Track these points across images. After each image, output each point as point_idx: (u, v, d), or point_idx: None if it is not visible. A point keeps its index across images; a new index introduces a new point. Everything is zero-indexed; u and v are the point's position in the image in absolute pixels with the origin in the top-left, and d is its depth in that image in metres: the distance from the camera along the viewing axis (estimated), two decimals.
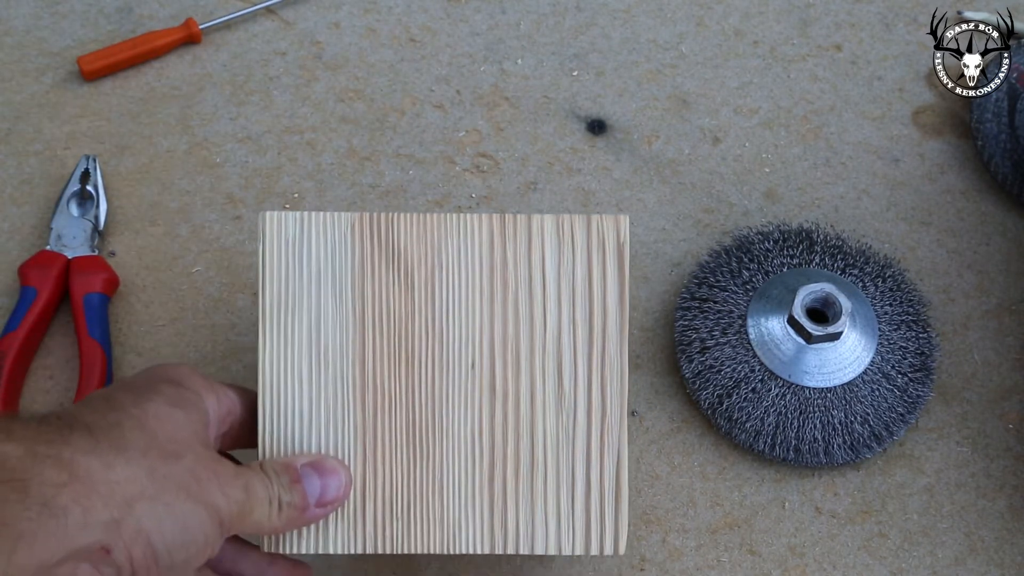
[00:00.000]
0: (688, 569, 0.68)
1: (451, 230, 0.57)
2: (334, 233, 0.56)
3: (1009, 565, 0.68)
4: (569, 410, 0.58)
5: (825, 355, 0.70)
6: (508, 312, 0.57)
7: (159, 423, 0.51)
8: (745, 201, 0.78)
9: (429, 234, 0.56)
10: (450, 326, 0.57)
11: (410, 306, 0.57)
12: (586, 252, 0.57)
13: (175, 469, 0.50)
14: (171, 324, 0.73)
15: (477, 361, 0.57)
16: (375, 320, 0.56)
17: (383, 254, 0.56)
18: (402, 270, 0.56)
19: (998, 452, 0.71)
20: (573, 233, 0.57)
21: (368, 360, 0.57)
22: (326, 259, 0.57)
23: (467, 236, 0.57)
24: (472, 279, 0.57)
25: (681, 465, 0.70)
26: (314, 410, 0.56)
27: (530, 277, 0.57)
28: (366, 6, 0.85)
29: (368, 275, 0.57)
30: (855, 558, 0.68)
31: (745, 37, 0.84)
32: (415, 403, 0.57)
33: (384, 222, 0.56)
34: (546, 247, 0.57)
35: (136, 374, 0.55)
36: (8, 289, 0.73)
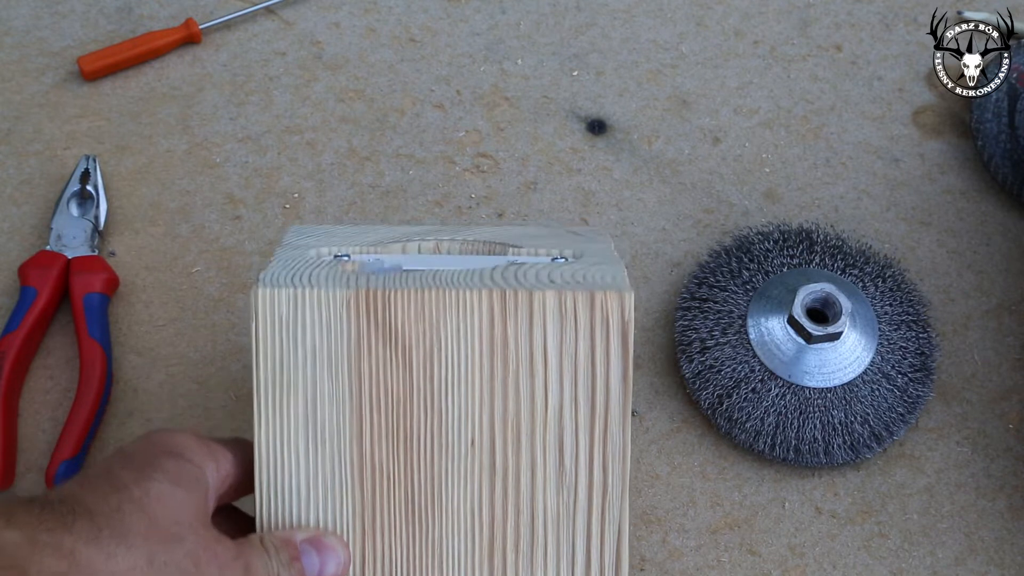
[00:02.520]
0: (688, 569, 0.68)
1: (449, 307, 0.54)
2: (328, 311, 0.54)
3: (1009, 565, 0.68)
4: (570, 487, 0.56)
5: (825, 355, 0.70)
6: (508, 389, 0.55)
7: (161, 504, 0.50)
8: (745, 201, 0.78)
9: (427, 311, 0.54)
10: (449, 403, 0.55)
11: (408, 384, 0.55)
12: (589, 330, 0.55)
13: (176, 554, 0.49)
14: (171, 324, 0.73)
15: (477, 438, 0.55)
16: (372, 398, 0.55)
17: (379, 332, 0.55)
18: (400, 348, 0.54)
19: (998, 452, 0.71)
20: (576, 310, 0.55)
21: (366, 437, 0.55)
22: (321, 337, 0.54)
23: (466, 313, 0.55)
24: (471, 357, 0.55)
25: (681, 465, 0.70)
26: (312, 486, 0.55)
27: (531, 355, 0.55)
28: (366, 6, 0.85)
29: (364, 353, 0.55)
30: (855, 558, 0.68)
31: (745, 37, 0.84)
32: (414, 480, 0.56)
33: (380, 299, 0.54)
34: (548, 325, 0.55)
35: (136, 442, 0.54)
36: (8, 289, 0.73)
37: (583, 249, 0.60)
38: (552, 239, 0.62)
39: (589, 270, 0.56)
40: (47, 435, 0.70)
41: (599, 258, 0.58)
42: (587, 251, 0.60)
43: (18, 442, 0.69)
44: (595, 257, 0.59)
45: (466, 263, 0.58)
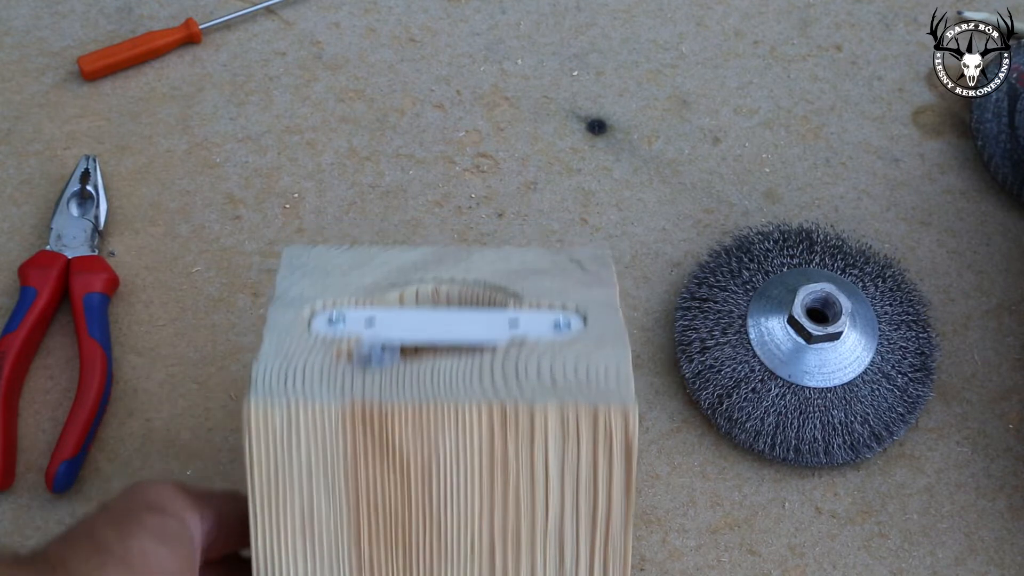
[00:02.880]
0: (688, 569, 0.68)
1: (448, 422, 0.52)
2: (323, 426, 0.52)
3: (1009, 565, 0.68)
4: None
5: (825, 355, 0.70)
6: (508, 502, 0.53)
7: (144, 562, 0.49)
8: (745, 201, 0.78)
9: (425, 427, 0.52)
10: (447, 514, 0.54)
11: (406, 495, 0.53)
12: (591, 447, 0.52)
13: None
14: (171, 324, 0.73)
15: (476, 546, 0.54)
16: (369, 508, 0.53)
17: (376, 447, 0.53)
18: (396, 462, 0.53)
19: (998, 452, 0.71)
20: (578, 426, 0.52)
21: (364, 545, 0.54)
22: (316, 451, 0.53)
23: (465, 430, 0.52)
24: (470, 472, 0.53)
25: (681, 465, 0.70)
26: None
27: (532, 470, 0.53)
28: (366, 6, 0.85)
29: (361, 465, 0.53)
30: (855, 558, 0.68)
31: (745, 37, 0.84)
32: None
33: (376, 415, 0.52)
34: (549, 441, 0.52)
35: (118, 497, 0.53)
36: (8, 289, 0.73)
37: (586, 300, 0.57)
38: (554, 279, 0.59)
39: (592, 357, 0.53)
40: (47, 435, 0.70)
41: (603, 326, 0.56)
42: (591, 304, 0.57)
43: (18, 442, 0.69)
44: (599, 322, 0.56)
45: (465, 328, 0.56)
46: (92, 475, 0.68)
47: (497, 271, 0.59)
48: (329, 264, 0.59)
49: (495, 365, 0.53)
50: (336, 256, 0.60)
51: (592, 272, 0.59)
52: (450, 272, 0.59)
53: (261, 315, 0.73)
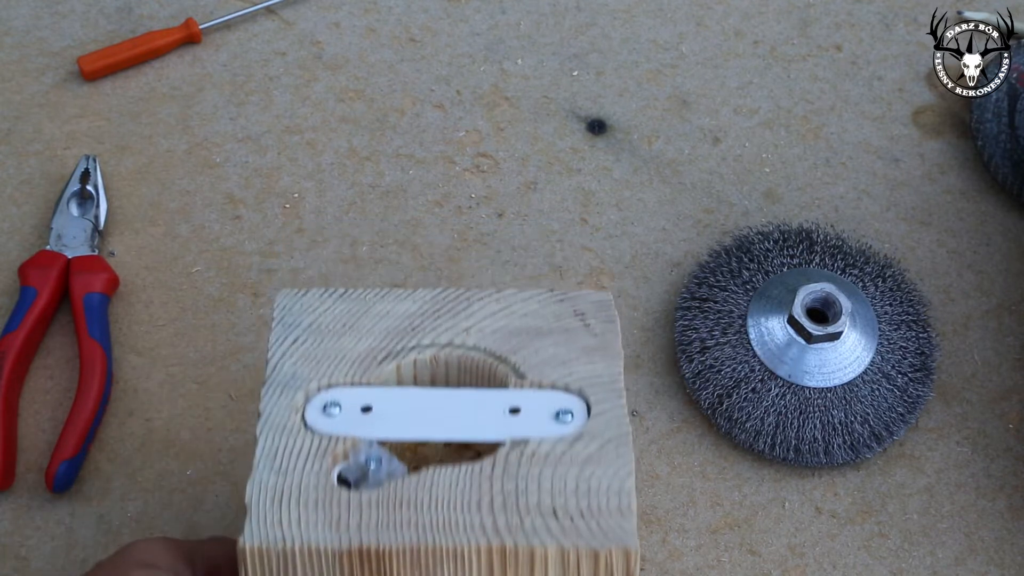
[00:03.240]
0: (688, 569, 0.68)
1: (447, 561, 0.51)
2: (320, 562, 0.52)
3: (1009, 565, 0.68)
4: None
5: (825, 355, 0.70)
6: None
7: None
8: (745, 201, 0.78)
9: (424, 565, 0.51)
10: None
11: None
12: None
13: None
14: (171, 324, 0.73)
15: None
16: None
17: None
18: None
19: (998, 452, 0.71)
20: (579, 565, 0.51)
21: None
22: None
23: (464, 567, 0.51)
24: None
25: (681, 465, 0.70)
26: None
27: None
28: (366, 6, 0.85)
29: None
30: (855, 558, 0.68)
31: (745, 37, 0.84)
32: None
33: (374, 555, 0.51)
34: (549, 574, 0.52)
35: (112, 557, 0.54)
36: (8, 289, 0.73)
37: (590, 378, 0.56)
38: (557, 345, 0.57)
39: (594, 474, 0.53)
40: (47, 435, 0.70)
41: (606, 420, 0.54)
42: (594, 385, 0.56)
43: (18, 442, 0.69)
44: (601, 415, 0.55)
45: (463, 419, 0.55)
46: (92, 475, 0.68)
47: (498, 331, 0.58)
48: (323, 321, 0.58)
49: (495, 486, 0.52)
50: (329, 307, 0.58)
51: (597, 334, 0.58)
52: (448, 334, 0.57)
53: (261, 315, 0.73)
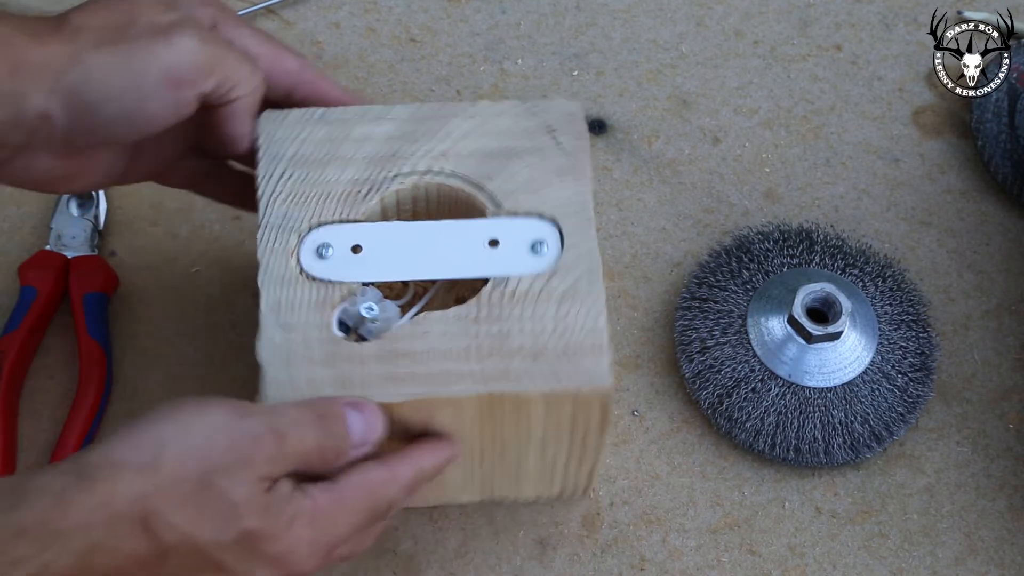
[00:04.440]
0: (688, 569, 0.68)
1: (443, 407, 0.55)
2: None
3: (1009, 565, 0.68)
4: (550, 461, 0.60)
5: (825, 355, 0.70)
6: (497, 439, 0.57)
7: (116, 3, 0.54)
8: (745, 201, 0.78)
9: (423, 410, 0.55)
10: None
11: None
12: (572, 408, 0.56)
13: (122, 31, 0.52)
14: (171, 324, 0.73)
15: (467, 456, 0.58)
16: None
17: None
18: (396, 423, 0.55)
19: (998, 452, 0.71)
20: (561, 401, 0.56)
21: None
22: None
23: (459, 410, 0.55)
24: (465, 428, 0.56)
25: (681, 465, 0.70)
26: None
27: (518, 424, 0.57)
28: (366, 6, 0.85)
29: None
30: (855, 558, 0.68)
31: (745, 37, 0.84)
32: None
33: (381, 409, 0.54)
34: (536, 410, 0.56)
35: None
36: (8, 289, 0.73)
37: (562, 205, 0.59)
38: (531, 167, 0.60)
39: (570, 313, 0.56)
40: (47, 435, 0.70)
41: (578, 251, 0.58)
42: (566, 213, 0.59)
43: (18, 442, 0.69)
44: (574, 246, 0.58)
45: (447, 255, 0.58)
46: None
47: (473, 154, 0.60)
48: (305, 152, 0.60)
49: (481, 330, 0.55)
50: (311, 133, 0.60)
51: (568, 152, 0.61)
52: (427, 160, 0.60)
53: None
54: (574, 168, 0.60)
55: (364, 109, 0.61)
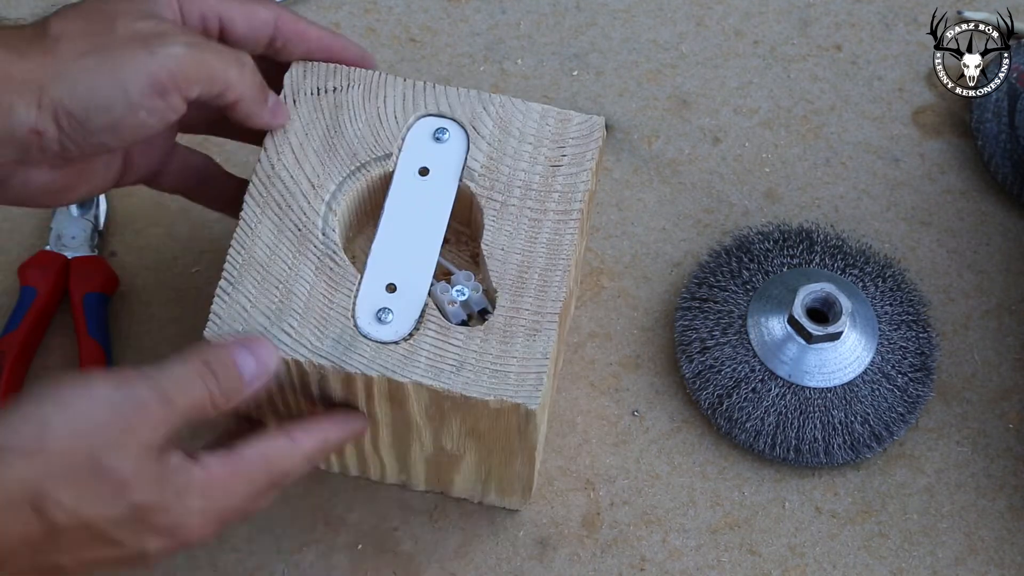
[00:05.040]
0: (688, 569, 0.68)
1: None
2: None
3: (1009, 565, 0.68)
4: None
5: (825, 355, 0.70)
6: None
7: (94, 10, 0.53)
8: (745, 201, 0.78)
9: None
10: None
11: None
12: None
13: (104, 40, 0.52)
14: (171, 324, 0.73)
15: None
16: None
17: None
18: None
19: (998, 452, 0.71)
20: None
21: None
22: None
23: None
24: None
25: (681, 465, 0.70)
26: None
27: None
28: (366, 6, 0.85)
29: None
30: (855, 558, 0.68)
31: (745, 37, 0.84)
32: None
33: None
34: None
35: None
36: (8, 289, 0.73)
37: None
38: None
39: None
40: None
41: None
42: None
43: None
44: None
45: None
46: None
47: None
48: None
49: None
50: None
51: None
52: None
53: None
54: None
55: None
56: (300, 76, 0.62)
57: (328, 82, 0.62)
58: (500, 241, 0.59)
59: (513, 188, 0.60)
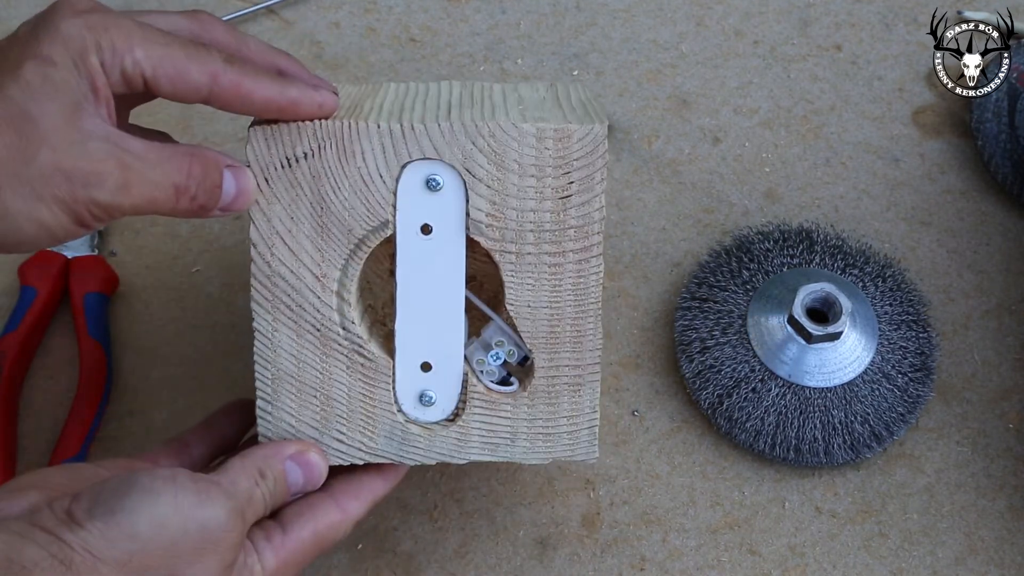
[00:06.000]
0: (688, 569, 0.68)
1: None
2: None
3: (1009, 565, 0.68)
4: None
5: (825, 355, 0.70)
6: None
7: (11, 127, 0.48)
8: (745, 201, 0.78)
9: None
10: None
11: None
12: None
13: (24, 174, 0.48)
14: (171, 324, 0.73)
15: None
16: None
17: None
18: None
19: (998, 452, 0.71)
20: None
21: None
22: None
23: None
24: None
25: (681, 465, 0.70)
26: None
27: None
28: (366, 6, 0.85)
29: None
30: (855, 558, 0.68)
31: (745, 37, 0.84)
32: None
33: None
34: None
35: (20, 30, 0.51)
36: (8, 289, 0.73)
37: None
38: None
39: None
40: (47, 435, 0.70)
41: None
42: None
43: (18, 442, 0.69)
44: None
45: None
46: None
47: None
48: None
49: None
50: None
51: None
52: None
53: None
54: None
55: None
56: (263, 147, 0.54)
57: (296, 148, 0.54)
58: (524, 298, 0.56)
59: (525, 234, 0.56)
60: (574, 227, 0.55)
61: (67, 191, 0.49)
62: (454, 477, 0.69)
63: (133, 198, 0.50)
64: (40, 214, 0.49)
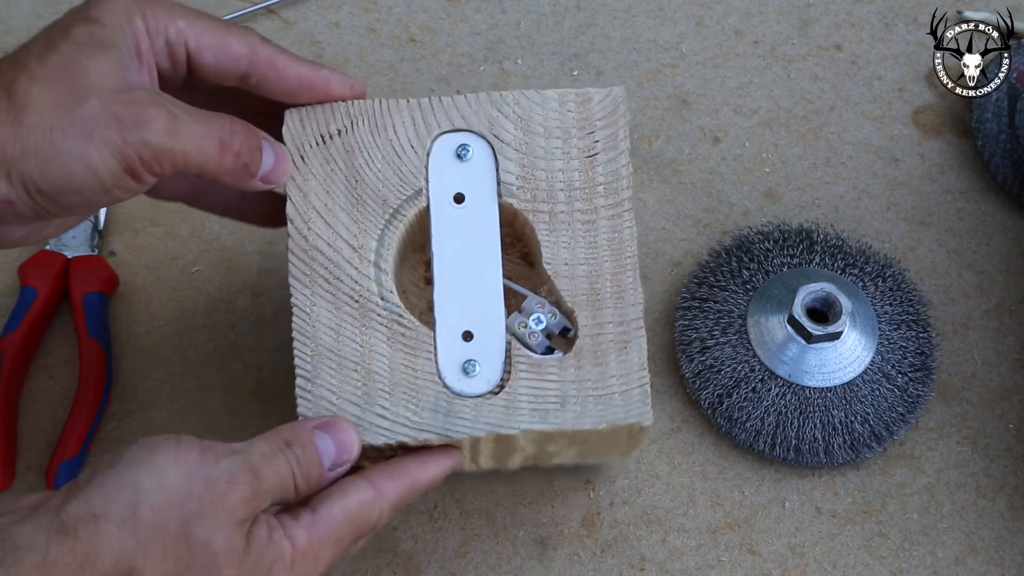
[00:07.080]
0: (688, 569, 0.68)
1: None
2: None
3: (1009, 565, 0.68)
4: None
5: (825, 355, 0.70)
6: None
7: (63, 75, 0.50)
8: (745, 201, 0.78)
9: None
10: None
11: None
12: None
13: (75, 116, 0.50)
14: (171, 324, 0.73)
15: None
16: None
17: None
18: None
19: (998, 452, 0.71)
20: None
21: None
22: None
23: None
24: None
25: (681, 465, 0.70)
26: None
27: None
28: (366, 6, 0.85)
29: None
30: (855, 558, 0.68)
31: (745, 37, 0.84)
32: None
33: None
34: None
35: (58, 21, 0.53)
36: (8, 289, 0.73)
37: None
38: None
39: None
40: (47, 435, 0.70)
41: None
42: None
43: (18, 442, 0.69)
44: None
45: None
46: None
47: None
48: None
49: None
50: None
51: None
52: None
53: (261, 315, 0.73)
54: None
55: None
56: (298, 127, 0.57)
57: (330, 126, 0.57)
58: (561, 256, 0.56)
59: (556, 193, 0.57)
60: (603, 183, 0.57)
61: (117, 132, 0.50)
62: (454, 477, 0.69)
63: (181, 142, 0.51)
64: (90, 156, 0.50)
